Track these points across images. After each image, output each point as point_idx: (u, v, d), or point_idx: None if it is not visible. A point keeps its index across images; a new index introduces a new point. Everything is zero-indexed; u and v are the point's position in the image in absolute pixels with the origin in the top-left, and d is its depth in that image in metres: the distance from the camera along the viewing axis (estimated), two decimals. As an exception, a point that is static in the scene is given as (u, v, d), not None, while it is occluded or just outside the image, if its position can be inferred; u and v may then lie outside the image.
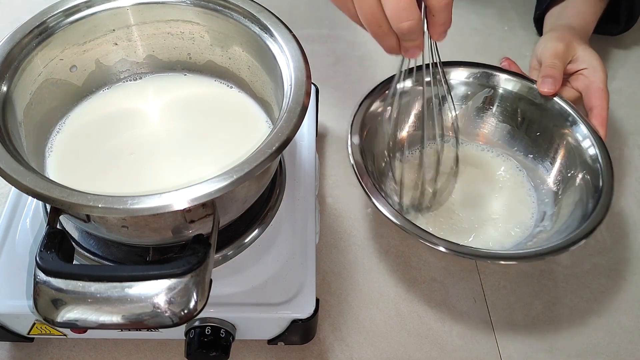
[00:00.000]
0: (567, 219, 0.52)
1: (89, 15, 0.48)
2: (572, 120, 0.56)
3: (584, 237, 0.48)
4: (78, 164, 0.48)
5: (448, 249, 0.47)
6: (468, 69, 0.60)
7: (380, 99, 0.57)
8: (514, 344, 0.52)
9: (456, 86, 0.61)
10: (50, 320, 0.34)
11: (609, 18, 0.73)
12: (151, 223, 0.40)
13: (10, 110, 0.43)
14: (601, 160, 0.53)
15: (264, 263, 0.48)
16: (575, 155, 0.56)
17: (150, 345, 0.51)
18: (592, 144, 0.55)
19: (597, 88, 0.58)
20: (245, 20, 0.48)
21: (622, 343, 0.52)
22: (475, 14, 0.83)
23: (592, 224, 0.48)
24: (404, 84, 0.57)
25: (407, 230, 0.47)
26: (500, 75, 0.60)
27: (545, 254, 0.47)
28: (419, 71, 0.55)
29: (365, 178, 0.51)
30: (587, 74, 0.60)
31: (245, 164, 0.37)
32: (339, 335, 0.52)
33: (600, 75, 0.59)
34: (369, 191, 0.50)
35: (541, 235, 0.53)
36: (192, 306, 0.35)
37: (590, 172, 0.54)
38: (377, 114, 0.57)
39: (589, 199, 0.52)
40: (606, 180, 0.52)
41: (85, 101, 0.52)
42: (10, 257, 0.47)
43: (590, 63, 0.60)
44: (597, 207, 0.50)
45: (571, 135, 0.56)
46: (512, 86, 0.60)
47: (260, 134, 0.50)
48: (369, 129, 0.56)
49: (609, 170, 0.52)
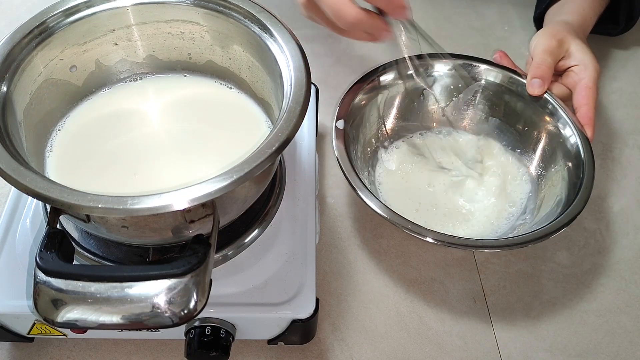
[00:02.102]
0: (549, 210, 0.53)
1: (88, 15, 0.48)
2: (555, 115, 0.57)
3: (566, 224, 0.48)
4: (78, 164, 0.48)
5: (435, 240, 0.47)
6: (452, 60, 0.61)
7: (364, 92, 0.58)
8: (514, 344, 0.52)
9: (440, 78, 0.61)
10: (50, 320, 0.34)
11: (608, 18, 0.72)
12: (151, 223, 0.40)
13: (10, 110, 0.43)
14: (583, 151, 0.54)
15: (264, 263, 0.48)
16: (559, 148, 0.56)
17: (150, 345, 0.51)
18: (575, 136, 0.55)
19: (584, 86, 0.57)
20: (246, 21, 0.48)
21: (622, 343, 0.52)
22: (475, 14, 0.83)
23: (573, 210, 0.49)
24: (388, 76, 0.59)
25: (395, 223, 0.48)
26: (483, 67, 0.60)
27: (526, 242, 0.48)
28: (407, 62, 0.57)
29: (349, 169, 0.51)
30: (577, 71, 0.59)
31: (245, 164, 0.37)
32: (339, 335, 0.52)
33: (590, 73, 0.58)
34: (353, 184, 0.50)
35: (521, 228, 0.54)
36: (192, 306, 0.35)
37: (571, 161, 0.54)
38: (363, 105, 0.58)
39: (572, 187, 0.52)
40: (587, 167, 0.52)
41: (85, 101, 0.52)
42: (10, 257, 0.47)
43: (581, 60, 0.59)
44: (578, 194, 0.50)
45: (556, 128, 0.57)
46: (494, 77, 0.60)
47: (260, 134, 0.50)
48: (355, 120, 0.57)
49: (591, 161, 0.53)
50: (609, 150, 0.67)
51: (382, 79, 0.59)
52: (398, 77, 0.60)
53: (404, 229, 0.48)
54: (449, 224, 0.56)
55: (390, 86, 0.60)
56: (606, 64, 0.77)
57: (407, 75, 0.60)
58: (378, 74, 0.59)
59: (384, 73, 0.59)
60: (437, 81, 0.61)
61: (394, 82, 0.60)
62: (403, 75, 0.60)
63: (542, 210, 0.54)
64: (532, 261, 0.57)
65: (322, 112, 0.63)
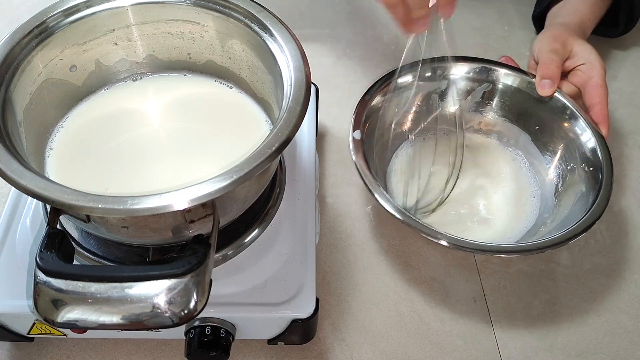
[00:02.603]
0: (567, 213, 0.52)
1: (88, 15, 0.48)
2: (570, 114, 0.57)
3: (584, 231, 0.48)
4: (78, 164, 0.48)
5: (450, 243, 0.47)
6: (468, 64, 0.61)
7: (381, 94, 0.57)
8: (514, 344, 0.52)
9: (457, 81, 0.61)
10: (51, 320, 0.34)
11: (608, 21, 0.72)
12: (151, 223, 0.40)
13: (10, 110, 0.43)
14: (600, 153, 0.53)
15: (264, 263, 0.48)
16: (574, 149, 0.56)
17: (150, 345, 0.51)
18: (591, 137, 0.55)
19: (595, 84, 0.58)
20: (245, 20, 0.48)
21: (622, 343, 0.52)
22: (475, 14, 0.83)
23: (592, 217, 0.49)
24: (405, 78, 0.58)
25: (410, 224, 0.48)
26: (500, 70, 0.60)
27: (546, 247, 0.47)
28: (423, 65, 0.56)
29: (367, 174, 0.51)
30: (585, 69, 0.59)
31: (245, 164, 0.37)
32: (339, 335, 0.52)
33: (598, 71, 0.58)
34: (370, 186, 0.50)
35: (542, 230, 0.53)
36: (192, 306, 0.35)
37: (589, 165, 0.54)
38: (378, 108, 0.57)
39: (589, 192, 0.52)
40: (606, 173, 0.52)
41: (85, 101, 0.52)
42: (10, 257, 0.47)
43: (587, 58, 0.59)
44: (596, 201, 0.50)
45: (570, 129, 0.57)
46: (511, 81, 0.60)
47: (260, 134, 0.50)
48: (370, 123, 0.56)
49: (609, 164, 0.52)
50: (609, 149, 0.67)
51: (399, 81, 0.58)
52: (413, 80, 0.59)
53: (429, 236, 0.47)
54: (467, 225, 0.56)
55: (405, 89, 0.59)
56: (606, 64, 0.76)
57: (421, 78, 0.59)
58: (393, 77, 0.58)
59: (400, 76, 0.58)
60: (454, 84, 0.61)
61: (408, 85, 0.59)
62: (417, 78, 0.59)
63: (561, 208, 0.54)
64: (532, 261, 0.57)
65: (322, 112, 0.63)
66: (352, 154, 0.52)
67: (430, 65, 0.58)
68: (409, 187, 0.57)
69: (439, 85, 0.60)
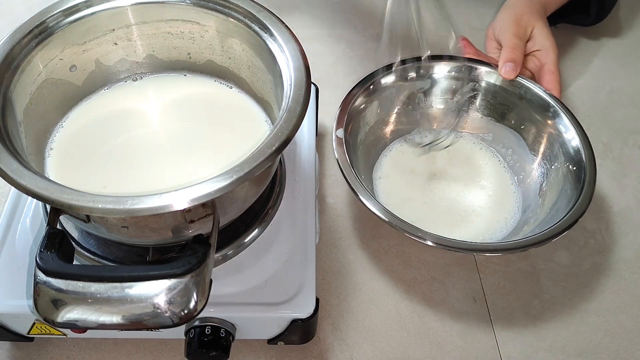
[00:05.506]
0: (551, 212, 0.53)
1: (88, 15, 0.48)
2: (554, 112, 0.57)
3: (567, 229, 0.48)
4: (78, 164, 0.48)
5: (435, 243, 0.47)
6: (450, 63, 0.61)
7: (364, 95, 0.58)
8: (513, 344, 0.52)
9: (440, 80, 0.62)
10: (51, 320, 0.34)
11: (579, 8, 0.73)
12: (151, 223, 0.40)
13: (10, 110, 0.43)
14: (583, 152, 0.54)
15: (264, 263, 0.48)
16: (558, 148, 0.56)
17: (150, 345, 0.51)
18: (575, 135, 0.55)
19: (547, 71, 0.60)
20: (245, 20, 0.48)
21: (622, 343, 0.52)
22: (475, 14, 0.83)
23: (574, 215, 0.49)
24: (388, 78, 0.60)
25: (395, 226, 0.48)
26: (483, 69, 0.61)
27: (528, 246, 0.48)
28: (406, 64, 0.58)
29: (350, 172, 0.51)
30: (539, 55, 0.61)
31: (245, 164, 0.37)
32: (339, 334, 0.52)
33: (551, 58, 0.61)
34: (353, 186, 0.50)
35: (525, 229, 0.53)
36: (192, 306, 0.35)
37: (573, 164, 0.54)
38: (362, 109, 0.58)
39: (573, 192, 0.52)
40: (589, 172, 0.52)
41: (85, 101, 0.52)
42: (10, 257, 0.47)
43: (543, 45, 0.61)
44: (579, 200, 0.50)
45: (554, 126, 0.57)
46: (495, 79, 0.60)
47: (260, 134, 0.50)
48: (353, 124, 0.57)
49: (592, 162, 0.53)
50: (609, 150, 0.67)
51: (382, 82, 0.59)
52: (396, 79, 0.60)
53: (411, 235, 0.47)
54: (450, 224, 0.56)
55: (389, 89, 0.60)
56: (606, 63, 0.77)
57: (405, 78, 0.60)
58: (376, 78, 0.59)
59: (383, 76, 0.59)
60: (436, 83, 0.61)
61: (392, 84, 0.60)
62: (401, 78, 0.60)
63: (545, 207, 0.54)
64: (532, 261, 0.57)
65: (322, 112, 0.63)
66: (335, 152, 0.52)
67: (414, 64, 0.60)
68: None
69: (422, 84, 0.61)
